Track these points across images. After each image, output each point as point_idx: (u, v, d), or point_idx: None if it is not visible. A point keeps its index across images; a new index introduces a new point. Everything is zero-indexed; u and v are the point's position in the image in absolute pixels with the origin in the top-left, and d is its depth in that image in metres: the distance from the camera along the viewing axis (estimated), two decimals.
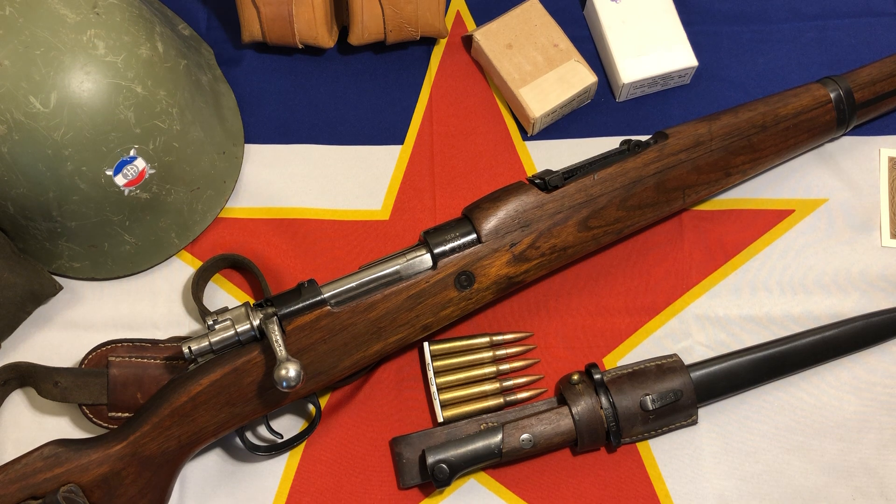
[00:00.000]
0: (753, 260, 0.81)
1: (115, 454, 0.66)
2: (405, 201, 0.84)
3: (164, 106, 0.73)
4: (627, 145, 0.75)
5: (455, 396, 0.76)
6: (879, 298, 0.80)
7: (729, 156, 0.76)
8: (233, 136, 0.83)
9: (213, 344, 0.67)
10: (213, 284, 0.80)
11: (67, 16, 0.68)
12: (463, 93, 0.87)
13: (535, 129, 0.85)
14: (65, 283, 0.79)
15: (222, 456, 0.76)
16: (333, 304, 0.69)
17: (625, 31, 0.85)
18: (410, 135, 0.86)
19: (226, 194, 0.82)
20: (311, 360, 0.68)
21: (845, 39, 0.89)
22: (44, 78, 0.67)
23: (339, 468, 0.75)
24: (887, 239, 0.82)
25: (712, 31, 0.89)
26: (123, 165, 0.72)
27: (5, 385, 0.74)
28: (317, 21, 0.83)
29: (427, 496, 0.74)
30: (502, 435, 0.72)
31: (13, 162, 0.69)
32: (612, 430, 0.72)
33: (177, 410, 0.66)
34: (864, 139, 0.85)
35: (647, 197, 0.74)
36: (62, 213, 0.73)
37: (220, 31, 0.89)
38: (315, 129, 0.86)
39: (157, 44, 0.73)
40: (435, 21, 0.84)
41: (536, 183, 0.73)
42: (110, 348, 0.74)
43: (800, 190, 0.84)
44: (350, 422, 0.76)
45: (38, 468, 0.64)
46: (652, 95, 0.87)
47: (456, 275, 0.71)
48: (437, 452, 0.72)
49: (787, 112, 0.78)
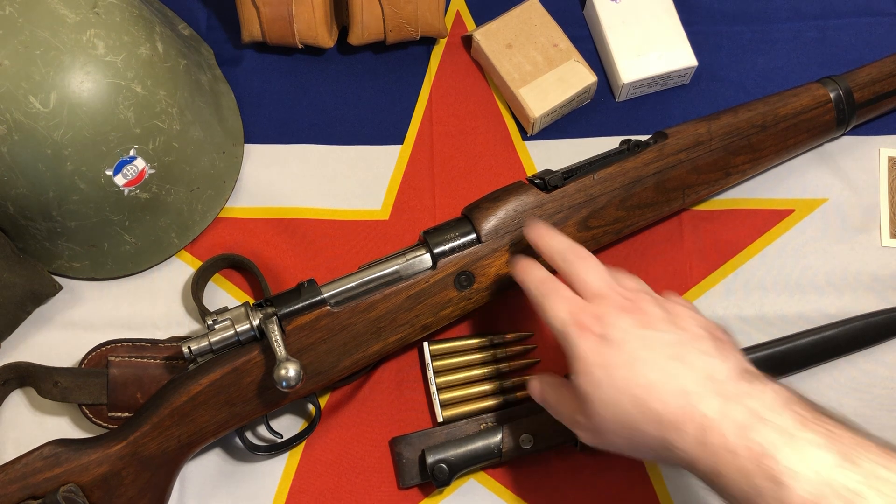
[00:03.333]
0: (753, 260, 0.81)
1: (114, 454, 0.66)
2: (405, 201, 0.84)
3: (164, 106, 0.73)
4: (627, 145, 0.75)
5: (455, 396, 0.76)
6: (879, 298, 0.80)
7: (728, 156, 0.76)
8: (233, 135, 0.84)
9: (213, 344, 0.67)
10: (212, 284, 0.80)
11: (67, 16, 0.68)
12: (463, 93, 0.87)
13: (535, 128, 0.85)
14: (65, 283, 0.79)
15: (222, 456, 0.76)
16: (333, 303, 0.69)
17: (625, 31, 0.85)
18: (410, 135, 0.86)
19: (225, 194, 0.82)
20: (311, 359, 0.69)
21: (845, 39, 0.89)
22: (43, 78, 0.67)
23: (339, 468, 0.75)
24: (887, 239, 0.82)
25: (712, 31, 0.89)
26: (123, 165, 0.72)
27: (5, 385, 0.74)
28: (317, 21, 0.83)
29: (427, 496, 0.74)
30: (502, 435, 0.72)
31: (13, 162, 0.69)
32: None
33: (176, 410, 0.66)
34: (864, 139, 0.85)
35: (647, 197, 0.74)
36: (62, 213, 0.73)
37: (220, 31, 0.89)
38: (315, 129, 0.86)
39: (157, 44, 0.74)
40: (435, 21, 0.85)
41: (536, 183, 0.73)
42: (110, 348, 0.74)
43: (799, 190, 0.84)
44: (350, 422, 0.76)
45: (38, 468, 0.64)
46: (652, 95, 0.87)
47: (456, 275, 0.71)
48: (436, 452, 0.72)
49: (787, 112, 0.78)
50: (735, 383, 0.54)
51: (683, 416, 0.53)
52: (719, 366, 0.55)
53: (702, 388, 0.53)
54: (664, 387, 0.54)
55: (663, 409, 0.54)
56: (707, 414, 0.52)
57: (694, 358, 0.55)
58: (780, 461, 0.50)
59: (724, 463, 0.51)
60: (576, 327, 0.59)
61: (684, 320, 0.59)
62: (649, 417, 0.54)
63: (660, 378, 0.55)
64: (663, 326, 0.58)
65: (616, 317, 0.58)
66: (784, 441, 0.50)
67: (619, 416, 0.56)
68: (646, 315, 0.59)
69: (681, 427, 0.53)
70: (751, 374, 0.55)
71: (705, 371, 0.54)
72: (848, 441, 0.50)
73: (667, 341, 0.56)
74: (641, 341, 0.57)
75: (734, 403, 0.52)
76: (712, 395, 0.53)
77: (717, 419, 0.52)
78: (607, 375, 0.56)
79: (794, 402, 0.52)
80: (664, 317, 0.59)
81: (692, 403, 0.53)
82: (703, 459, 0.53)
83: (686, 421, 0.53)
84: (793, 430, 0.50)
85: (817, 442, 0.50)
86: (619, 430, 0.57)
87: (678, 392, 0.54)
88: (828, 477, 0.48)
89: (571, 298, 0.61)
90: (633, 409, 0.55)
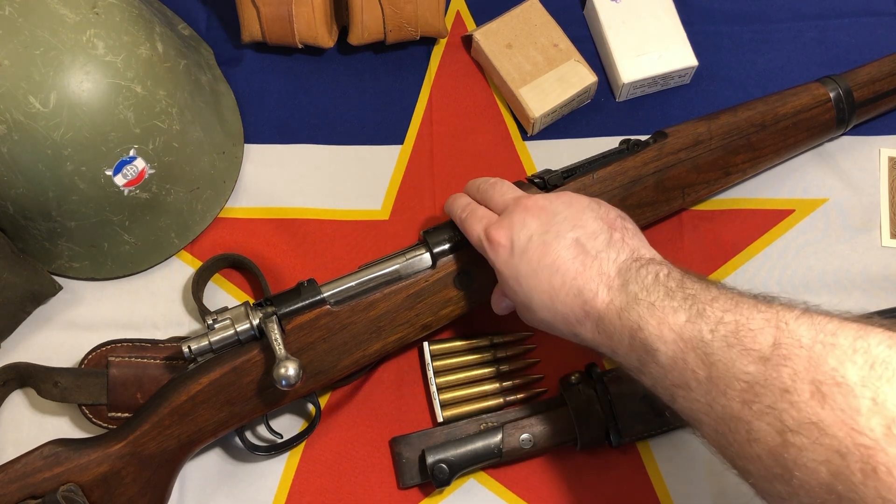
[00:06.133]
0: (753, 260, 0.81)
1: (114, 453, 0.66)
2: (405, 201, 0.84)
3: (164, 106, 0.73)
4: (627, 145, 0.75)
5: (455, 396, 0.76)
6: (879, 298, 0.80)
7: (728, 155, 0.76)
8: (232, 135, 0.84)
9: (213, 343, 0.67)
10: (212, 284, 0.80)
11: (67, 16, 0.68)
12: (463, 93, 0.87)
13: (535, 128, 0.85)
14: (64, 283, 0.79)
15: (222, 456, 0.76)
16: (333, 303, 0.69)
17: (625, 31, 0.85)
18: (410, 135, 0.86)
19: (225, 194, 0.82)
20: (311, 358, 0.69)
21: (845, 39, 0.89)
22: (43, 78, 0.67)
23: (339, 468, 0.75)
24: (887, 239, 0.82)
25: (712, 31, 0.89)
26: (123, 165, 0.72)
27: (5, 385, 0.74)
28: (316, 21, 0.83)
29: (427, 496, 0.74)
30: (502, 435, 0.72)
31: (13, 162, 0.69)
32: (612, 430, 0.72)
33: (176, 410, 0.66)
34: (864, 139, 0.85)
35: (647, 196, 0.74)
36: (62, 213, 0.73)
37: (219, 31, 0.89)
38: (315, 129, 0.86)
39: (157, 44, 0.74)
40: (435, 21, 0.85)
41: (536, 182, 0.73)
42: (110, 348, 0.74)
43: (799, 190, 0.84)
44: (350, 422, 0.76)
45: (38, 467, 0.64)
46: (652, 95, 0.87)
47: (455, 274, 0.71)
48: (436, 452, 0.72)
49: (787, 111, 0.78)
50: (623, 274, 0.59)
51: (581, 314, 0.61)
52: (610, 260, 0.61)
53: (594, 285, 0.60)
54: (564, 290, 0.61)
55: (565, 309, 0.61)
56: (597, 307, 0.59)
57: (588, 256, 0.61)
58: (647, 331, 0.55)
59: (615, 344, 0.59)
60: (488, 241, 0.66)
61: (584, 216, 0.64)
62: (557, 317, 0.62)
63: (560, 282, 0.61)
64: (564, 226, 0.63)
65: (521, 224, 0.65)
66: (650, 313, 0.56)
67: (536, 313, 0.64)
68: (547, 213, 0.64)
69: (582, 322, 0.61)
70: (640, 260, 0.60)
71: (597, 268, 0.61)
72: (703, 298, 0.55)
73: (565, 244, 0.62)
74: (543, 248, 0.63)
75: (617, 292, 0.59)
76: (602, 288, 0.60)
77: (604, 310, 0.59)
78: (518, 284, 0.64)
79: (668, 277, 0.58)
80: (566, 214, 0.64)
81: (586, 301, 0.60)
82: (602, 343, 0.60)
83: (584, 317, 0.61)
84: (658, 302, 0.56)
85: (674, 306, 0.55)
86: (540, 320, 0.65)
87: (576, 293, 0.61)
88: (682, 334, 0.54)
89: (485, 216, 0.68)
90: (544, 310, 0.63)
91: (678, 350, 0.54)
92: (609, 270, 0.60)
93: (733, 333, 0.51)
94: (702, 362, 0.52)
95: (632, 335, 0.57)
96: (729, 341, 0.51)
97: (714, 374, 0.51)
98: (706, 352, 0.52)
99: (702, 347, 0.52)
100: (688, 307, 0.54)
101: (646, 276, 0.58)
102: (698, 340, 0.53)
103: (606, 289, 0.59)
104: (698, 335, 0.53)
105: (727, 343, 0.51)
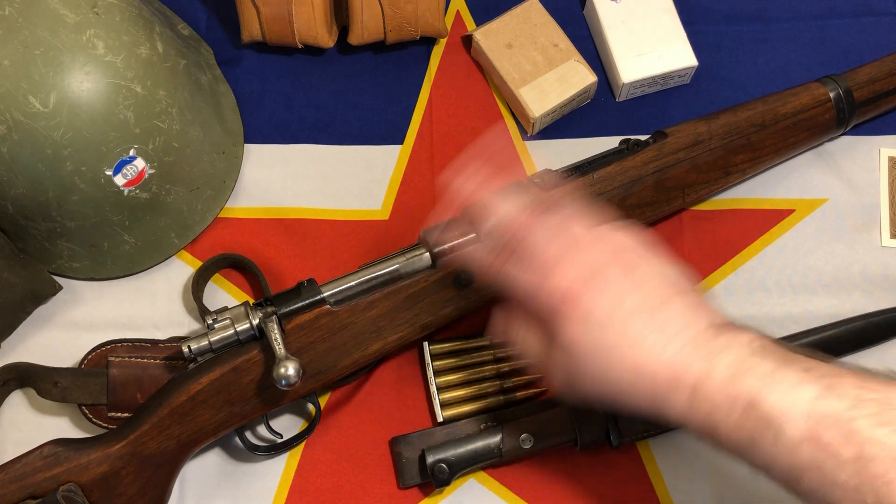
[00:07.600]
0: (753, 260, 0.81)
1: (114, 453, 0.66)
2: (405, 201, 0.84)
3: (164, 106, 0.73)
4: (626, 144, 0.75)
5: (455, 396, 0.76)
6: (879, 298, 0.80)
7: (728, 155, 0.76)
8: (232, 135, 0.84)
9: (213, 343, 0.67)
10: (212, 284, 0.80)
11: (67, 16, 0.68)
12: (463, 93, 0.87)
13: (535, 128, 0.85)
14: (64, 283, 0.79)
15: (222, 456, 0.76)
16: (333, 303, 0.69)
17: (625, 31, 0.85)
18: (410, 135, 0.86)
19: (225, 194, 0.82)
20: (311, 358, 0.68)
21: (845, 39, 0.89)
22: (43, 78, 0.67)
23: (339, 468, 0.75)
24: (887, 239, 0.82)
25: (712, 31, 0.89)
26: (123, 165, 0.72)
27: (5, 385, 0.74)
28: (316, 21, 0.83)
29: (427, 496, 0.74)
30: (502, 435, 0.72)
31: (13, 162, 0.69)
32: (612, 430, 0.72)
33: (176, 409, 0.66)
34: (864, 139, 0.85)
35: (646, 196, 0.74)
36: (62, 213, 0.73)
37: (219, 31, 0.89)
38: (315, 129, 0.86)
39: (157, 44, 0.74)
40: (435, 21, 0.85)
41: (536, 182, 0.73)
42: (110, 348, 0.74)
43: (799, 190, 0.84)
44: (350, 422, 0.76)
45: (38, 467, 0.64)
46: (652, 95, 0.87)
47: (455, 274, 0.71)
48: (436, 452, 0.72)
49: (787, 111, 0.78)
50: (713, 340, 0.54)
51: (674, 384, 0.53)
52: (695, 326, 0.55)
53: (686, 354, 0.53)
54: (653, 359, 0.54)
55: (655, 381, 0.54)
56: (694, 378, 0.53)
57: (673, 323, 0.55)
58: (769, 405, 0.50)
59: (717, 419, 0.52)
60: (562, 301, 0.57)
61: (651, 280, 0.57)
62: (640, 388, 0.55)
63: (648, 353, 0.54)
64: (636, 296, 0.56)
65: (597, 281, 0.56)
66: (767, 385, 0.50)
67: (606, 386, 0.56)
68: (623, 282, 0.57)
69: (672, 393, 0.54)
70: (722, 326, 0.55)
71: (686, 335, 0.54)
72: (826, 373, 0.50)
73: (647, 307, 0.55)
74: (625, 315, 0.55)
75: (715, 360, 0.53)
76: (695, 358, 0.53)
77: (703, 380, 0.52)
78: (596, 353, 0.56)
79: (768, 345, 0.53)
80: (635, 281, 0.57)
81: (679, 371, 0.53)
82: (696, 418, 0.53)
83: (676, 388, 0.53)
84: (773, 374, 0.51)
85: (798, 379, 0.50)
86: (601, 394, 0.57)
87: (667, 363, 0.54)
88: (815, 410, 0.49)
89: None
90: (625, 384, 0.55)
91: (811, 428, 0.49)
92: (699, 338, 0.54)
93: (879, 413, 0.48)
94: (846, 441, 0.48)
95: (746, 409, 0.51)
96: (881, 419, 0.47)
97: (865, 454, 0.47)
98: (850, 429, 0.48)
99: (847, 426, 0.48)
100: (814, 382, 0.50)
101: (740, 344, 0.53)
102: (842, 420, 0.48)
103: (700, 359, 0.53)
104: (842, 414, 0.48)
105: (879, 421, 0.47)
